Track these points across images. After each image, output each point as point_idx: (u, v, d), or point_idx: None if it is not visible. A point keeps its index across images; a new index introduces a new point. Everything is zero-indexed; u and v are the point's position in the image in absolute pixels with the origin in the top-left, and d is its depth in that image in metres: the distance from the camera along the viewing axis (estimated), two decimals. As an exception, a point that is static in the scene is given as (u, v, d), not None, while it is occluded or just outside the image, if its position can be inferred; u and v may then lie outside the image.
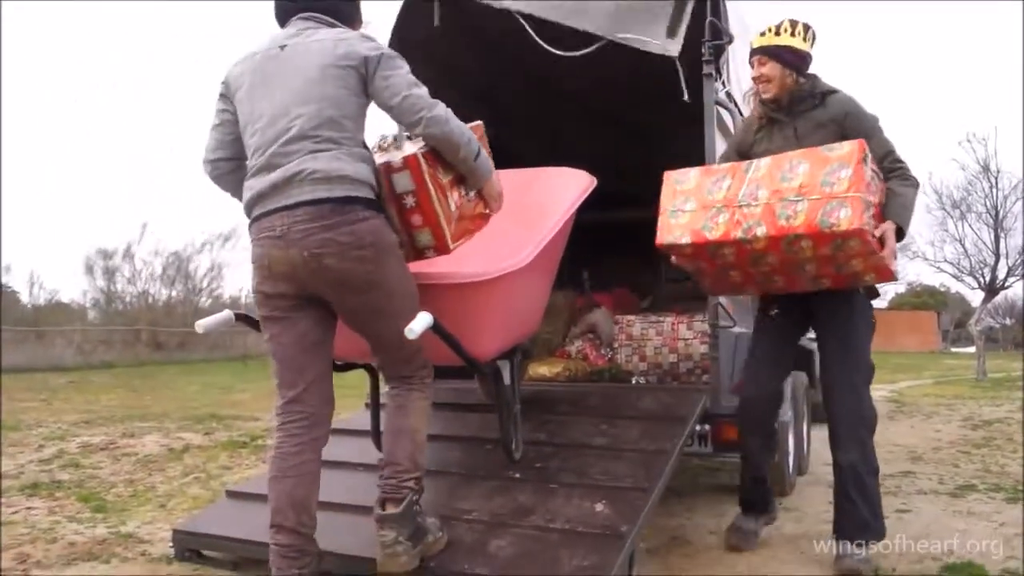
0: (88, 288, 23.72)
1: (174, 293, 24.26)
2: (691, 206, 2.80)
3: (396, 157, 2.38)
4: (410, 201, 2.39)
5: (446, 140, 2.33)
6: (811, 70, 2.99)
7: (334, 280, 2.23)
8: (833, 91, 2.95)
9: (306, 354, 2.34)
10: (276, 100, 2.28)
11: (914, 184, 2.77)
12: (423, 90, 2.29)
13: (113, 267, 23.13)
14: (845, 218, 2.48)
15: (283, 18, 2.42)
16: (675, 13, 3.37)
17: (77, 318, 22.88)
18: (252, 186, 2.30)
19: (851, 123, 2.85)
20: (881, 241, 2.59)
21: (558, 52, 3.60)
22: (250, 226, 2.32)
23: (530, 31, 3.62)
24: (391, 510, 2.29)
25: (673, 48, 3.32)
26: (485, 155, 2.47)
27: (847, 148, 2.59)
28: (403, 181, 2.37)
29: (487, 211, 2.61)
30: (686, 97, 3.34)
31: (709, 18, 3.41)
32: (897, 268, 2.72)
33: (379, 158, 2.41)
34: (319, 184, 2.20)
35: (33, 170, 41.90)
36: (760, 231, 2.62)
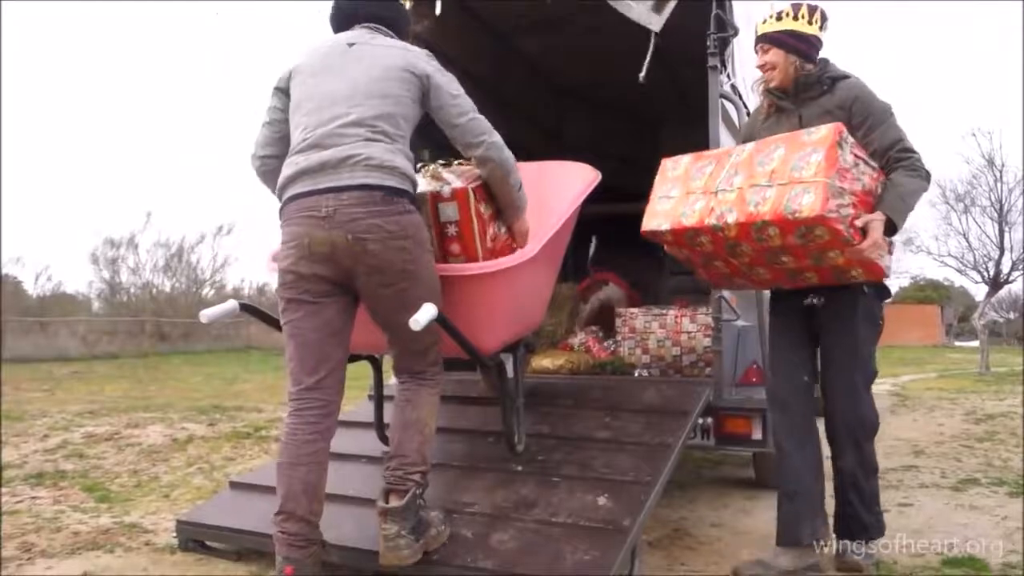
0: (93, 279, 23.75)
1: (177, 284, 24.31)
2: (676, 193, 2.76)
3: (445, 188, 2.55)
4: (452, 230, 2.56)
5: (501, 166, 2.50)
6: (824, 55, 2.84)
7: (373, 266, 2.25)
8: (844, 76, 2.78)
9: (328, 342, 2.34)
10: (337, 87, 2.36)
11: (922, 176, 2.60)
12: (483, 118, 2.47)
13: (118, 257, 23.16)
14: (808, 204, 2.34)
15: (344, 24, 2.54)
16: None
17: (82, 309, 22.93)
18: (296, 162, 2.32)
19: (858, 109, 2.69)
20: (864, 232, 2.43)
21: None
22: (287, 203, 2.33)
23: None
24: (394, 503, 2.30)
25: (656, 23, 3.30)
26: (524, 191, 2.63)
27: (823, 131, 2.46)
28: (449, 211, 2.55)
29: (514, 245, 2.72)
30: (642, 77, 3.28)
31: (715, 11, 3.40)
32: (888, 263, 2.58)
33: (424, 185, 2.54)
34: (372, 170, 2.25)
35: (35, 161, 41.94)
36: (731, 218, 2.52)
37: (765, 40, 2.83)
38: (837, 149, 2.40)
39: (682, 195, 2.73)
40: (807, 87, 2.80)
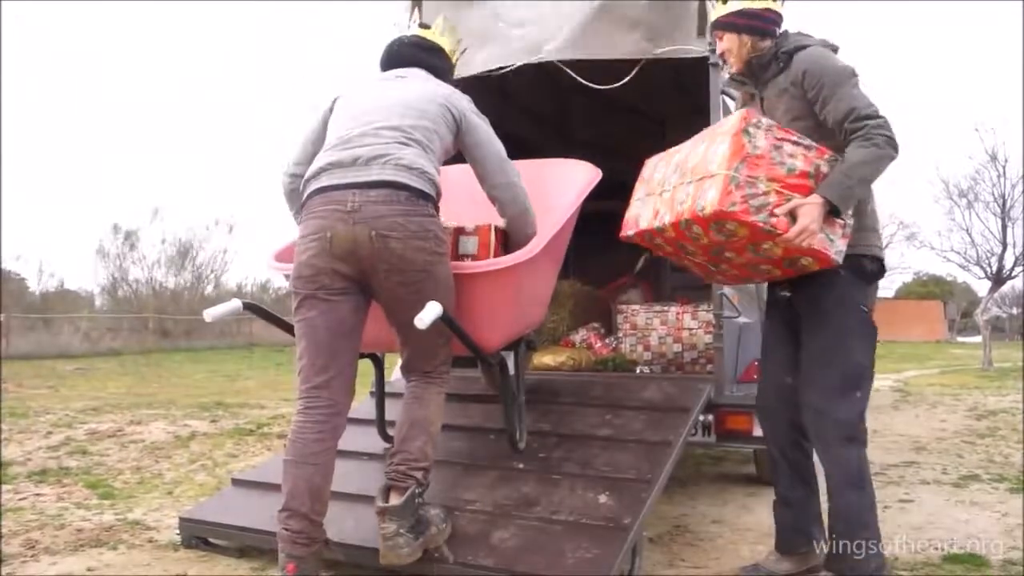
0: (97, 274, 23.81)
1: (180, 281, 24.34)
2: (641, 195, 2.72)
3: (470, 225, 2.76)
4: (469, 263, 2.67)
5: (524, 213, 2.66)
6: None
7: (393, 264, 2.27)
8: (801, 47, 2.51)
9: (340, 341, 2.34)
10: (378, 102, 2.46)
11: (876, 143, 2.30)
12: (511, 165, 2.63)
13: (123, 252, 23.18)
14: (711, 200, 2.23)
15: (396, 63, 2.68)
16: (700, 11, 3.38)
17: (84, 306, 22.97)
18: (330, 155, 2.37)
19: (809, 82, 2.43)
20: (795, 219, 2.24)
21: (603, 88, 3.67)
22: (312, 195, 2.34)
23: (575, 76, 3.70)
24: (393, 501, 2.31)
25: (702, 47, 3.35)
26: (534, 222, 2.73)
27: (732, 120, 2.33)
28: (469, 244, 2.74)
29: None
30: (712, 97, 3.37)
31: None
32: (839, 248, 2.32)
33: (449, 221, 2.69)
34: (401, 170, 2.29)
35: (36, 158, 41.98)
36: (667, 219, 2.45)
37: (717, 27, 2.66)
38: (743, 137, 2.27)
39: (644, 197, 2.69)
40: (764, 67, 2.59)
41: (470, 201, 2.96)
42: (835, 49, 2.55)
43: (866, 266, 2.50)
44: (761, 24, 2.57)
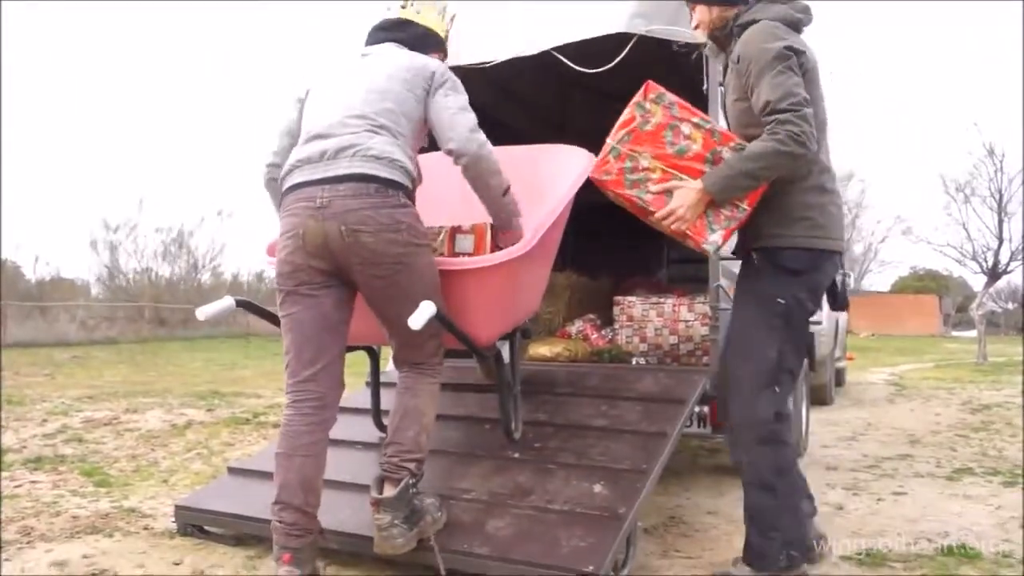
0: (92, 264, 23.79)
1: (176, 270, 24.32)
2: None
3: (466, 224, 2.73)
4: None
5: (479, 163, 2.39)
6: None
7: (366, 258, 2.25)
8: (752, 21, 2.39)
9: (326, 334, 2.35)
10: (344, 92, 2.41)
11: (779, 139, 2.18)
12: (473, 116, 2.42)
13: (116, 242, 23.14)
14: (594, 166, 2.31)
15: (374, 40, 2.60)
16: None
17: (81, 294, 22.93)
18: (301, 150, 2.36)
19: (742, 66, 2.33)
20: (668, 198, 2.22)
21: (597, 71, 3.62)
22: (286, 193, 2.34)
23: (567, 62, 3.65)
24: (387, 492, 2.31)
25: (700, 36, 3.31)
26: (513, 198, 2.55)
27: (640, 90, 2.32)
28: (465, 243, 2.74)
29: None
30: (706, 88, 3.35)
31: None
32: (714, 239, 2.27)
33: (444, 221, 2.72)
34: (369, 160, 2.26)
35: (31, 146, 41.81)
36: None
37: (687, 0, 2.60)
38: (636, 110, 2.27)
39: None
40: (727, 38, 2.49)
41: (460, 191, 2.96)
42: (793, 24, 2.39)
43: (785, 260, 2.37)
44: None
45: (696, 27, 2.60)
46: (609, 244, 5.27)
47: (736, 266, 3.84)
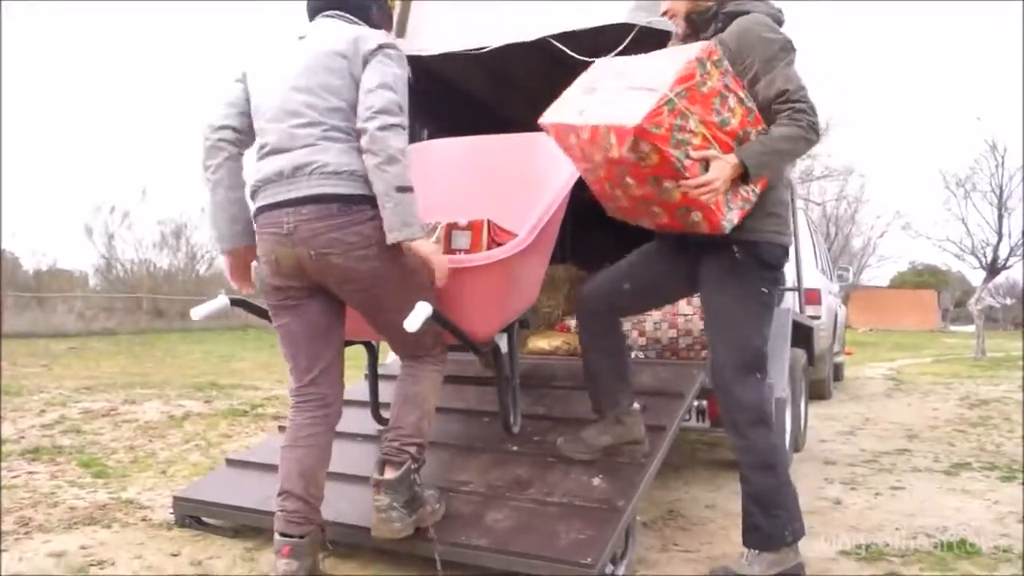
0: (90, 253, 23.77)
1: (175, 261, 24.30)
2: (576, 92, 2.46)
3: (463, 220, 2.68)
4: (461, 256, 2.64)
5: (374, 143, 2.15)
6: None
7: (340, 276, 2.26)
8: (743, 12, 2.41)
9: (318, 340, 2.37)
10: (284, 85, 2.29)
11: (801, 125, 2.27)
12: (395, 96, 2.21)
13: (111, 232, 23.08)
14: (638, 113, 2.08)
15: (311, 16, 2.44)
16: None
17: (78, 285, 22.90)
18: (259, 168, 2.30)
19: (744, 53, 2.34)
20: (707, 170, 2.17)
21: (591, 60, 3.59)
22: (256, 214, 2.32)
23: (566, 50, 3.60)
24: (388, 475, 2.32)
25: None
26: (411, 200, 2.18)
27: (696, 47, 2.22)
28: (462, 240, 2.69)
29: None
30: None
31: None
32: (731, 219, 2.26)
33: (440, 218, 2.67)
34: (327, 178, 2.19)
35: (30, 137, 41.72)
36: (591, 120, 2.25)
37: None
38: (697, 67, 2.15)
39: (577, 93, 2.45)
40: (703, 24, 2.48)
41: (457, 187, 2.95)
42: (780, 21, 2.45)
43: (764, 254, 2.44)
44: None
45: (666, 14, 2.55)
46: (608, 237, 5.26)
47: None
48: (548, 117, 2.43)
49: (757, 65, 2.31)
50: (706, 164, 2.18)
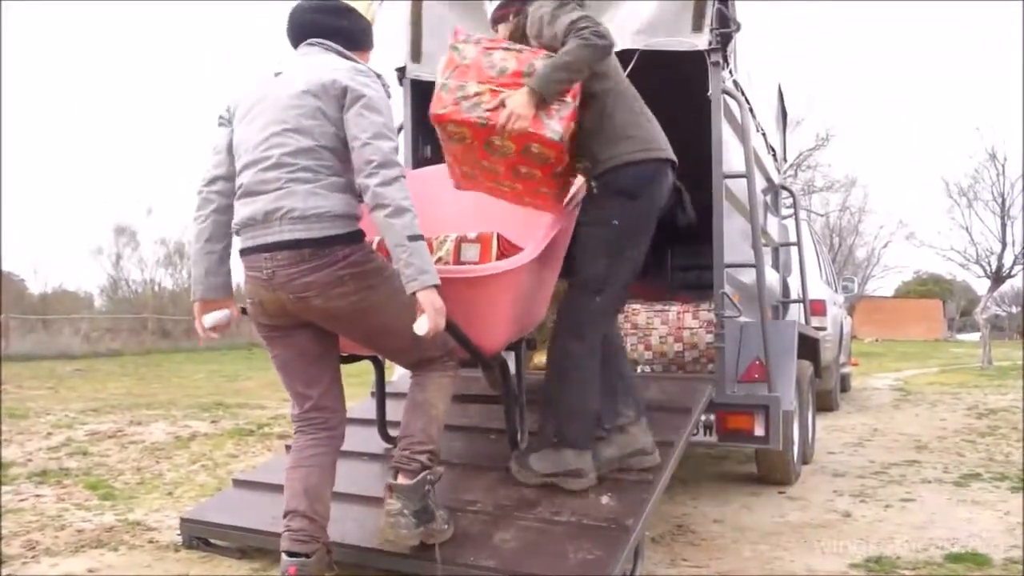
0: (95, 275, 23.85)
1: (179, 281, 24.34)
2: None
3: (472, 233, 2.72)
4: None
5: (379, 198, 2.14)
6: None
7: (323, 316, 2.30)
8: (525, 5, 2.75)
9: (312, 367, 2.41)
10: (257, 126, 2.29)
11: (583, 37, 2.46)
12: (389, 144, 2.21)
13: (121, 252, 23.19)
14: (431, 108, 2.49)
15: (296, 40, 2.43)
16: (697, 7, 3.36)
17: (84, 306, 22.98)
18: (238, 209, 2.33)
19: (532, 21, 2.67)
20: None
21: None
22: (240, 254, 2.36)
23: None
24: (402, 480, 2.32)
25: (701, 42, 3.34)
26: (423, 248, 2.16)
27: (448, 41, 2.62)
28: (471, 252, 2.73)
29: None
30: (711, 92, 3.38)
31: (716, 6, 3.39)
32: (556, 128, 2.44)
33: (450, 232, 2.71)
34: (296, 224, 2.20)
35: (35, 158, 41.99)
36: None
37: (492, 23, 2.89)
38: (452, 52, 2.53)
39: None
40: (521, 32, 2.77)
41: (466, 201, 2.96)
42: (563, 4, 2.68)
43: (619, 180, 2.62)
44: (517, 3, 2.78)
45: (503, 34, 2.83)
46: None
47: (743, 275, 3.87)
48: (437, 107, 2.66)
49: (546, 25, 2.59)
50: (504, 105, 2.44)
